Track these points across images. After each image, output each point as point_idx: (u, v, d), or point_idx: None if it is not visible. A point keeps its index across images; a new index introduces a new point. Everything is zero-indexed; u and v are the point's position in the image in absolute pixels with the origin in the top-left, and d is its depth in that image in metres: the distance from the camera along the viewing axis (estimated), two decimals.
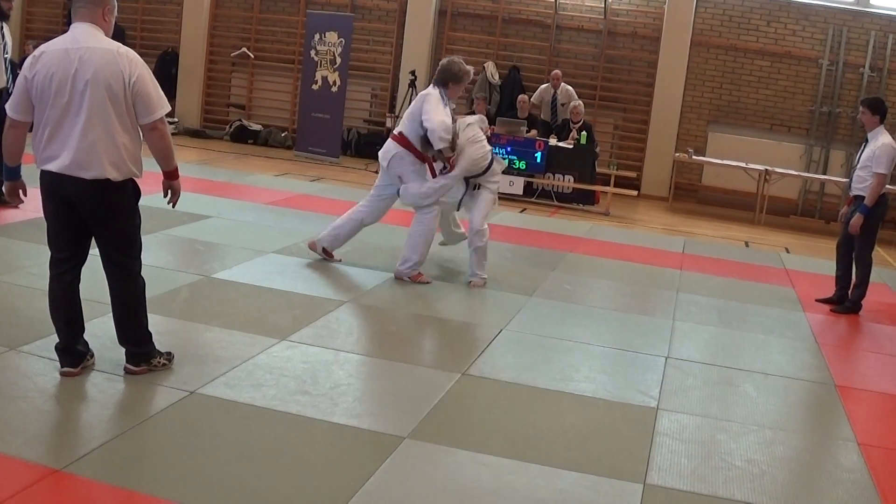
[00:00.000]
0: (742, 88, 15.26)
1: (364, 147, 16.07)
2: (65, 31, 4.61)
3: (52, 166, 4.50)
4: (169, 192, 4.82)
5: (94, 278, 6.53)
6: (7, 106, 4.61)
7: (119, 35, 18.52)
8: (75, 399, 4.40)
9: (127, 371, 4.77)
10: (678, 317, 7.41)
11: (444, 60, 7.54)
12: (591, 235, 11.01)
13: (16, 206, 5.45)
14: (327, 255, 7.80)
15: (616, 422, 5.04)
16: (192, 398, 4.58)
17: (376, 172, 14.13)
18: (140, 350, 4.81)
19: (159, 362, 4.86)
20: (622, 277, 8.85)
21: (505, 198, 12.04)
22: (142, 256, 4.83)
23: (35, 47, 14.95)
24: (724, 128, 15.35)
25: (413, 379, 5.34)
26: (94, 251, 4.72)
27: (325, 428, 4.47)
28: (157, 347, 4.89)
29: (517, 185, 12.98)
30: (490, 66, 15.50)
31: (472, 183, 7.72)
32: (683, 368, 6.06)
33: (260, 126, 16.77)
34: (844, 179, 14.38)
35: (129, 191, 4.64)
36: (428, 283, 7.49)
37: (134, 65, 4.49)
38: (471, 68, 7.64)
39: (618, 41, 15.69)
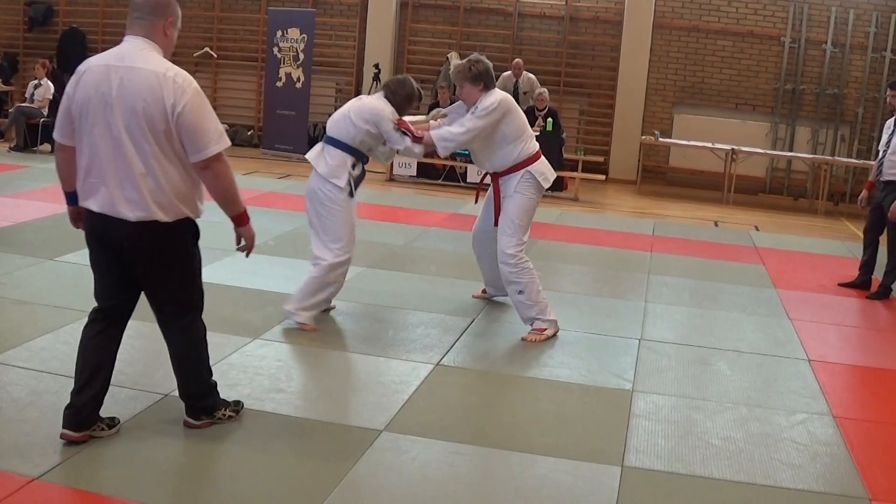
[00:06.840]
0: (706, 69, 15.33)
1: None
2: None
3: (92, 204, 3.90)
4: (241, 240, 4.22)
5: (70, 283, 6.50)
6: (55, 127, 4.04)
7: (79, 38, 18.18)
8: (50, 408, 4.34)
9: (187, 425, 4.27)
10: (650, 299, 7.44)
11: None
12: (560, 221, 11.03)
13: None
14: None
15: (592, 406, 5.06)
16: (166, 401, 4.53)
17: None
18: (200, 404, 4.30)
19: (224, 414, 4.36)
20: (593, 262, 8.88)
21: (474, 186, 12.02)
22: (203, 302, 4.26)
23: None
24: (689, 109, 15.42)
25: (387, 372, 5.34)
26: None
27: (301, 424, 4.46)
28: (221, 397, 4.39)
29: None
30: (454, 57, 15.46)
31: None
32: (657, 350, 6.09)
33: (226, 125, 16.61)
34: (811, 156, 14.52)
35: (183, 233, 4.05)
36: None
37: (181, 92, 3.80)
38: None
39: (580, 27, 15.72)
